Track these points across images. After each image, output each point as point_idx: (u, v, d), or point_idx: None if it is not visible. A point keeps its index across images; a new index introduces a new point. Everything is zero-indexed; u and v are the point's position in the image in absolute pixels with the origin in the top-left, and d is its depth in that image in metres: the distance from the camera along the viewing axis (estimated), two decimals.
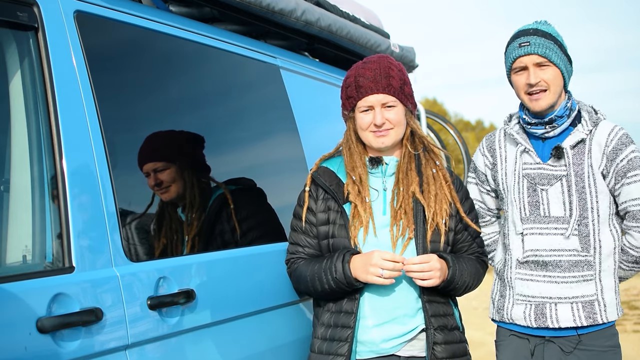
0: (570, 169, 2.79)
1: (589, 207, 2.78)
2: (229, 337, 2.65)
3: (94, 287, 2.16)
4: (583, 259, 2.77)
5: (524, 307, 2.84)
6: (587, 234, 2.78)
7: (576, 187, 2.78)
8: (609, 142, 2.78)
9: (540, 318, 2.80)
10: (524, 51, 2.78)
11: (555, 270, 2.78)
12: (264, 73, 3.32)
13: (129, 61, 2.67)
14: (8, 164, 2.17)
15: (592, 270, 2.77)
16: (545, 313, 2.79)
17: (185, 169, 2.75)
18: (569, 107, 2.82)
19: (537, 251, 2.81)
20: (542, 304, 2.80)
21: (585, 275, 2.77)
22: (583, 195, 2.78)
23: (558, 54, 2.78)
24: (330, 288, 2.69)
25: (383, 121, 2.73)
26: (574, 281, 2.77)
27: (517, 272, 2.86)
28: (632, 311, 11.45)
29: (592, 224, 2.78)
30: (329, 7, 3.75)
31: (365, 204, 2.73)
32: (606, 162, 2.78)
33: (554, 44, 2.78)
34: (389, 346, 2.71)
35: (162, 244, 2.58)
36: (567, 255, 2.78)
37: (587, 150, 2.80)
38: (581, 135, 2.80)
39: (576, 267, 2.77)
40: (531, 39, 2.78)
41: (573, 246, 2.78)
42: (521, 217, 2.85)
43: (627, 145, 2.79)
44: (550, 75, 2.78)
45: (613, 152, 2.77)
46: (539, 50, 2.76)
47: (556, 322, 2.78)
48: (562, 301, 2.78)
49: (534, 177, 2.84)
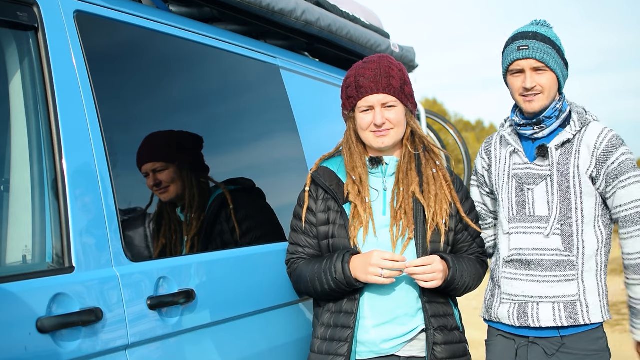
0: (554, 168, 2.79)
1: (572, 207, 2.78)
2: (228, 337, 2.66)
3: (94, 287, 2.16)
4: (565, 258, 2.77)
5: (509, 306, 2.85)
6: (571, 234, 2.78)
7: (560, 187, 2.78)
8: (599, 144, 2.77)
9: (523, 317, 2.81)
10: (522, 55, 2.78)
11: (538, 270, 2.79)
12: (264, 73, 3.32)
13: (129, 61, 2.67)
14: (8, 164, 2.17)
15: (574, 270, 2.77)
16: (527, 312, 2.80)
17: (185, 169, 2.75)
18: (558, 109, 2.82)
19: (521, 250, 2.82)
20: (525, 302, 2.81)
21: (567, 275, 2.77)
22: (567, 196, 2.78)
23: (555, 59, 2.78)
24: (330, 288, 2.69)
25: (383, 121, 2.73)
26: (555, 280, 2.78)
27: (503, 271, 2.87)
28: None
29: (575, 224, 2.78)
30: (329, 7, 3.75)
31: (365, 204, 2.72)
32: (596, 164, 2.76)
33: (552, 48, 2.78)
34: (389, 346, 2.71)
35: (162, 244, 2.58)
36: (549, 254, 2.79)
37: (575, 151, 2.79)
38: (567, 136, 2.80)
39: (558, 266, 2.78)
40: (530, 42, 2.77)
41: (555, 245, 2.78)
42: (509, 216, 2.87)
43: (617, 147, 2.77)
44: (547, 80, 2.78)
45: (603, 154, 2.76)
46: (537, 55, 2.76)
47: (537, 322, 2.78)
48: (544, 300, 2.78)
49: (522, 176, 2.86)
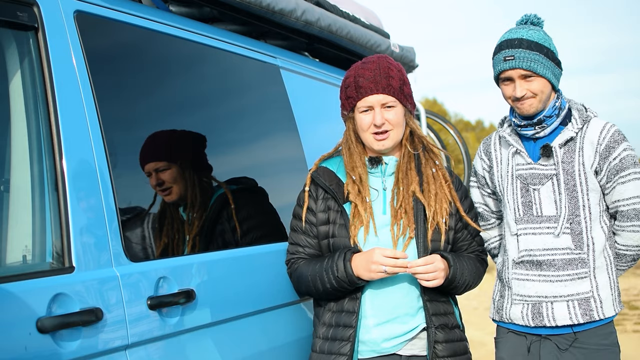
0: (559, 167, 2.79)
1: (580, 205, 2.77)
2: (229, 337, 2.65)
3: (94, 287, 2.16)
4: (577, 256, 2.77)
5: (522, 307, 2.84)
6: (580, 231, 2.78)
7: (566, 185, 2.78)
8: (602, 139, 2.77)
9: (537, 317, 2.80)
10: (508, 65, 2.75)
11: (550, 270, 2.79)
12: (264, 73, 3.32)
13: (129, 61, 2.66)
14: (8, 164, 2.17)
15: (586, 267, 2.77)
16: (541, 312, 2.80)
17: (187, 169, 2.75)
18: (557, 107, 2.81)
19: (531, 251, 2.81)
20: (539, 303, 2.81)
21: (579, 273, 2.77)
22: (574, 194, 2.78)
23: (544, 64, 2.75)
24: (332, 287, 2.69)
25: (383, 121, 2.73)
26: (568, 279, 2.77)
27: (513, 272, 2.86)
28: (632, 311, 11.44)
29: (584, 221, 2.78)
30: (329, 7, 3.74)
31: (365, 204, 2.73)
32: (599, 159, 2.77)
33: (539, 53, 2.74)
34: (390, 345, 2.71)
35: (162, 244, 2.58)
36: (560, 253, 2.78)
37: (579, 148, 2.79)
38: (570, 134, 2.79)
39: (570, 265, 2.77)
40: (516, 52, 2.74)
41: (566, 244, 2.78)
42: (515, 217, 2.85)
43: (620, 142, 2.77)
44: (537, 86, 2.77)
45: (606, 149, 2.76)
46: (524, 65, 2.73)
47: (553, 321, 2.78)
48: (557, 300, 2.78)
49: (526, 177, 2.85)
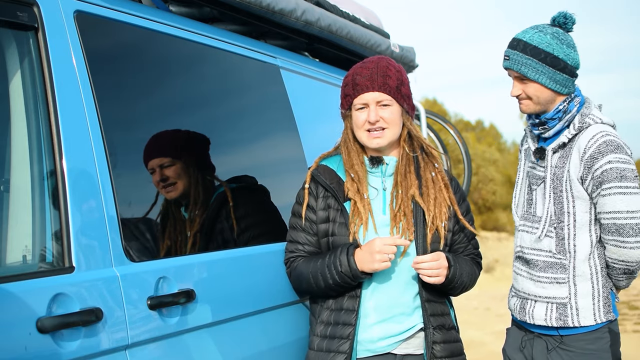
0: (548, 171, 2.81)
1: (565, 211, 2.78)
2: (229, 337, 2.65)
3: (94, 287, 2.15)
4: (558, 261, 2.80)
5: (515, 300, 2.96)
6: (563, 237, 2.79)
7: (554, 190, 2.80)
8: (587, 149, 2.72)
9: (522, 312, 2.89)
10: (504, 65, 2.83)
11: (534, 269, 2.85)
12: (264, 73, 3.32)
13: (129, 61, 2.66)
14: (8, 164, 2.17)
15: (564, 273, 2.79)
16: (525, 308, 2.88)
17: (190, 167, 2.76)
18: (562, 110, 2.79)
19: (523, 248, 2.90)
20: (525, 299, 2.89)
21: (557, 278, 2.80)
22: (560, 199, 2.79)
23: (536, 69, 2.74)
24: (335, 283, 2.69)
25: (377, 118, 2.73)
26: (547, 282, 2.82)
27: (514, 265, 2.98)
28: (632, 311, 11.45)
29: (567, 227, 2.79)
30: (329, 7, 3.74)
31: (364, 201, 2.73)
32: (583, 168, 2.73)
33: (534, 58, 2.73)
34: (386, 344, 2.72)
35: (162, 243, 2.58)
36: (543, 255, 2.83)
37: (569, 155, 2.79)
38: (563, 139, 2.79)
39: (550, 268, 2.81)
40: (511, 53, 2.79)
41: (548, 247, 2.82)
42: (518, 213, 2.95)
43: (605, 154, 2.69)
44: (532, 89, 2.78)
45: (590, 159, 2.71)
46: (515, 67, 2.78)
47: (532, 319, 2.85)
48: (539, 300, 2.84)
49: (530, 176, 2.92)
